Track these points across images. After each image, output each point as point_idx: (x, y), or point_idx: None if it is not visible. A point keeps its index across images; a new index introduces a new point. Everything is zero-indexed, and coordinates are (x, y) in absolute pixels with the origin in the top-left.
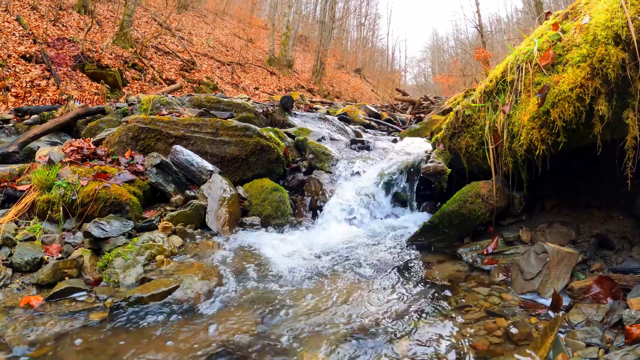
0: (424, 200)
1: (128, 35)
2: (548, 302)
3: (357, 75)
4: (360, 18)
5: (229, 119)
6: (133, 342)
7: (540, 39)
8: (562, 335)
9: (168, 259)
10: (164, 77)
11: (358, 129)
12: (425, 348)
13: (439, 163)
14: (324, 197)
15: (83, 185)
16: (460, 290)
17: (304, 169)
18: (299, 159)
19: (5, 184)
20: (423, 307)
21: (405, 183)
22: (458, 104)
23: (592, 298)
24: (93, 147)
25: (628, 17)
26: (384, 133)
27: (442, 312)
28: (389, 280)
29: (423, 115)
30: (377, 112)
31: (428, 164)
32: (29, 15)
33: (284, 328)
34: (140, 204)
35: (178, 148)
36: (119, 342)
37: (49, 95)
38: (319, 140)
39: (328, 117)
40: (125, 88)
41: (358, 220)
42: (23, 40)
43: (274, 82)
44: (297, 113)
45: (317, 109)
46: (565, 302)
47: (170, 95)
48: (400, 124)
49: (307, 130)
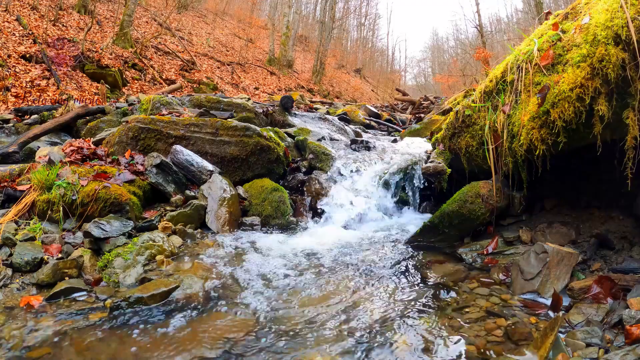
0: (424, 200)
1: (128, 35)
2: (548, 302)
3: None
4: (360, 18)
5: (229, 119)
6: (133, 342)
7: (540, 39)
8: (562, 335)
9: (168, 259)
10: (164, 77)
11: (358, 129)
12: (425, 348)
13: (439, 163)
14: (324, 197)
15: (83, 185)
16: (460, 290)
17: (304, 169)
18: (299, 159)
19: (5, 184)
20: (423, 307)
21: (405, 183)
22: (458, 104)
23: (592, 298)
24: (93, 147)
25: (628, 17)
26: (384, 133)
27: (442, 312)
28: (389, 280)
29: (423, 115)
30: (377, 112)
31: (428, 164)
32: (29, 15)
33: (284, 328)
34: (140, 204)
35: (178, 148)
36: (119, 342)
37: (49, 95)
38: (319, 140)
39: (328, 117)
40: (125, 88)
41: (358, 220)
42: (23, 40)
43: (274, 82)
44: (297, 113)
45: (317, 109)
46: (565, 302)
47: (170, 95)
48: (400, 124)
49: (307, 130)
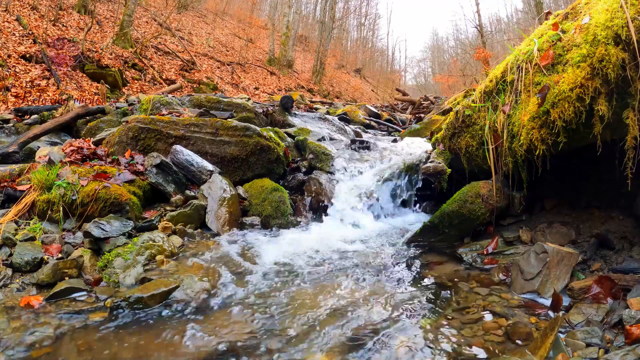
0: (424, 200)
1: (128, 35)
2: (548, 302)
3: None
4: (360, 18)
5: (229, 119)
6: (133, 342)
7: (540, 39)
8: (562, 335)
9: (168, 259)
10: (164, 77)
11: (358, 129)
12: (425, 348)
13: (439, 163)
14: (324, 197)
15: (83, 185)
16: (461, 290)
17: (304, 169)
18: (299, 159)
19: (5, 184)
20: (423, 307)
21: (405, 183)
22: (458, 104)
23: (592, 298)
24: (93, 147)
25: (628, 17)
26: (384, 133)
27: (442, 312)
28: (389, 280)
29: (423, 115)
30: (377, 112)
31: (428, 164)
32: (29, 15)
33: (284, 328)
34: (140, 204)
35: (178, 148)
36: (119, 342)
37: (49, 95)
38: (319, 140)
39: (328, 117)
40: (125, 88)
41: (358, 220)
42: (23, 40)
43: (274, 82)
44: (297, 113)
45: (317, 109)
46: (565, 302)
47: (170, 95)
48: (400, 124)
49: (307, 130)
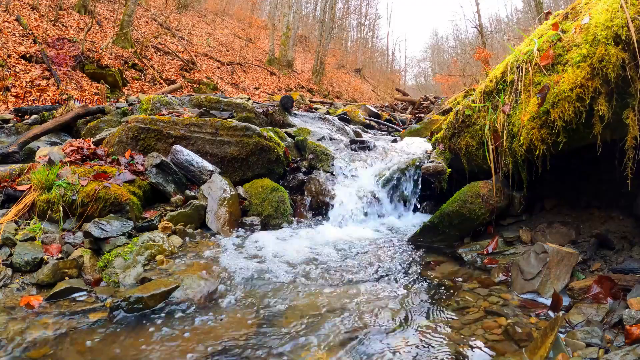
0: (424, 200)
1: (128, 35)
2: (548, 302)
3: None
4: (360, 18)
5: (229, 119)
6: (133, 342)
7: (540, 39)
8: (562, 335)
9: (168, 259)
10: (164, 77)
11: (358, 129)
12: (425, 348)
13: (439, 163)
14: (324, 197)
15: (83, 185)
16: (461, 290)
17: (304, 169)
18: (299, 159)
19: (5, 184)
20: (423, 307)
21: (405, 183)
22: (458, 104)
23: (592, 298)
24: (93, 147)
25: (628, 17)
26: (384, 133)
27: (442, 312)
28: (389, 280)
29: (423, 115)
30: (377, 112)
31: (428, 164)
32: (29, 15)
33: (284, 328)
34: (140, 204)
35: (178, 148)
36: (119, 342)
37: (49, 95)
38: (319, 140)
39: (328, 117)
40: (125, 88)
41: (358, 220)
42: (23, 40)
43: (274, 82)
44: (297, 113)
45: (317, 109)
46: (565, 302)
47: (170, 95)
48: (400, 124)
49: (307, 130)
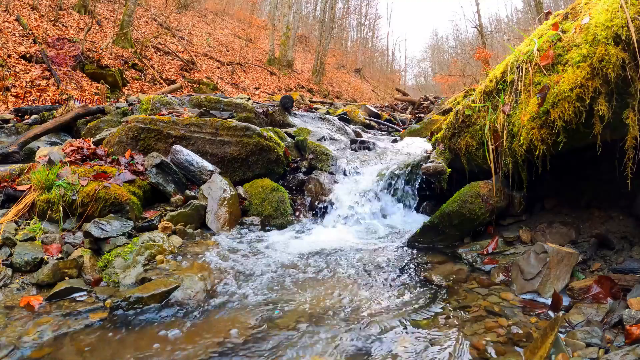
0: (424, 200)
1: (128, 35)
2: (548, 302)
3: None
4: (360, 18)
5: (229, 119)
6: (133, 342)
7: (540, 39)
8: (562, 335)
9: (168, 259)
10: (164, 77)
11: (358, 129)
12: (426, 348)
13: (439, 163)
14: (324, 197)
15: (83, 185)
16: (461, 290)
17: (304, 169)
18: (299, 159)
19: (5, 184)
20: (423, 307)
21: (405, 183)
22: (458, 104)
23: (592, 298)
24: (93, 147)
25: (628, 17)
26: (384, 133)
27: (442, 312)
28: (389, 281)
29: (423, 115)
30: (377, 112)
31: (428, 164)
32: (29, 15)
33: (284, 328)
34: (140, 204)
35: (178, 148)
36: (119, 342)
37: (49, 95)
38: (319, 140)
39: (328, 117)
40: (125, 88)
41: (358, 220)
42: (23, 40)
43: (274, 82)
44: (297, 113)
45: (317, 109)
46: (565, 302)
47: (170, 95)
48: (400, 124)
49: (307, 130)
